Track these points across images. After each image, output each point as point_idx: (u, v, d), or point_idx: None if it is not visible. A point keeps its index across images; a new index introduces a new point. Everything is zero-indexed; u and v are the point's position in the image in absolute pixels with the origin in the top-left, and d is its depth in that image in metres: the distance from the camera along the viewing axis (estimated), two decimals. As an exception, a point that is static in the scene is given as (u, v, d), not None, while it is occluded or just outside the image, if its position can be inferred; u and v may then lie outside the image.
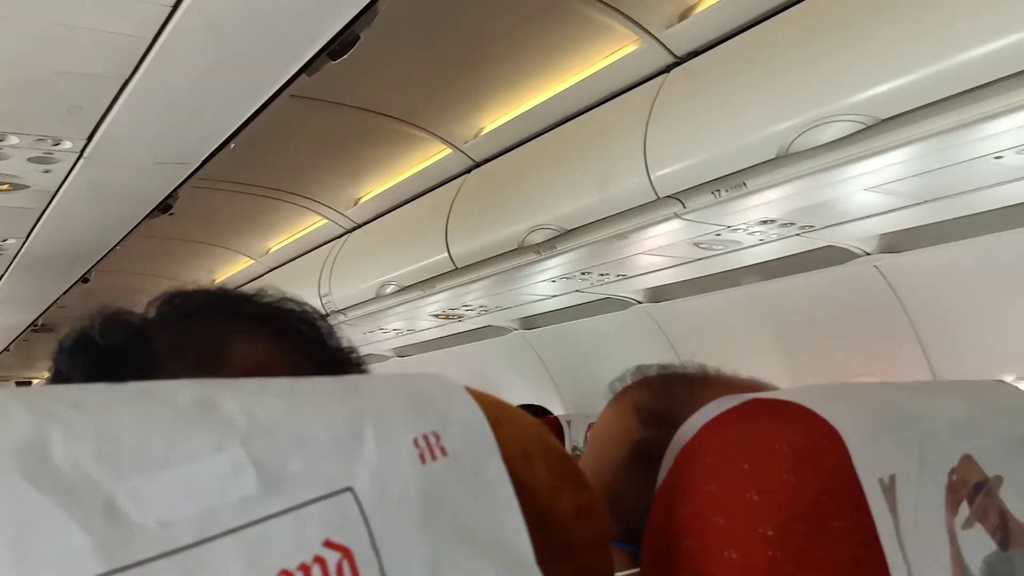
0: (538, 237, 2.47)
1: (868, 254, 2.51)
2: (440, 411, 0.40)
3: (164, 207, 2.27)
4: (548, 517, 0.43)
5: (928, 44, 1.50)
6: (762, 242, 2.45)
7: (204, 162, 1.86)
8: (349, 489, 0.36)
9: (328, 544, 0.34)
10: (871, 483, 0.50)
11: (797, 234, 2.38)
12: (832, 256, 2.58)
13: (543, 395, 3.83)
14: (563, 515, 0.44)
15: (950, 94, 1.51)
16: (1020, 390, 0.65)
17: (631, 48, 2.19)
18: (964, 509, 0.54)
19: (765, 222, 2.26)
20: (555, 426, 2.19)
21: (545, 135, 2.54)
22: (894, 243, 2.46)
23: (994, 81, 1.45)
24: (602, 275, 2.87)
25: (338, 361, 0.56)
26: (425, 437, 0.39)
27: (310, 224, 3.66)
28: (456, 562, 0.38)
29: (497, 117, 2.68)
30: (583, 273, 2.84)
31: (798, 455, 0.51)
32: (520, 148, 2.65)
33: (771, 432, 0.52)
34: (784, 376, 2.99)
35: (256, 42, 1.26)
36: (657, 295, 3.20)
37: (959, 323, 2.49)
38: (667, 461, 0.56)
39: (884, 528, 0.49)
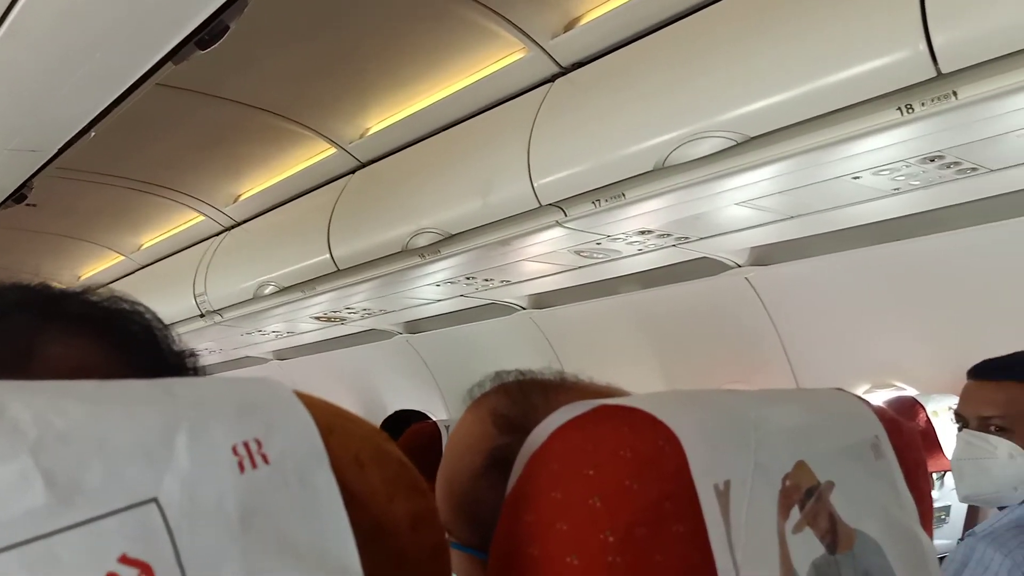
0: (422, 241, 2.45)
1: (739, 266, 2.62)
2: (265, 417, 0.38)
3: (19, 197, 2.12)
4: (382, 526, 0.42)
5: (793, 67, 1.57)
6: (641, 252, 2.51)
7: (61, 150, 1.74)
8: (153, 500, 0.33)
9: (124, 560, 0.32)
10: (706, 488, 0.51)
11: (673, 245, 2.45)
12: (706, 267, 2.67)
13: (427, 400, 3.80)
14: (398, 523, 0.43)
15: (812, 115, 1.58)
16: (857, 398, 0.68)
17: (517, 56, 2.20)
18: (795, 514, 0.55)
19: (643, 232, 2.32)
20: (433, 431, 2.17)
21: (431, 138, 2.53)
22: (763, 256, 2.57)
23: (852, 105, 1.54)
24: (487, 280, 2.88)
25: (172, 367, 0.53)
26: (245, 444, 0.37)
27: (186, 220, 3.51)
28: (275, 575, 0.36)
29: (383, 118, 2.65)
30: (468, 278, 2.83)
31: (640, 461, 0.52)
32: (406, 150, 2.62)
33: (615, 438, 0.52)
34: (660, 383, 3.08)
35: (115, 27, 1.19)
36: (541, 301, 3.23)
37: (821, 334, 2.63)
38: (517, 468, 0.56)
39: (715, 532, 0.50)
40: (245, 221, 3.32)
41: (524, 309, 3.26)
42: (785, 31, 1.59)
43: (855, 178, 1.85)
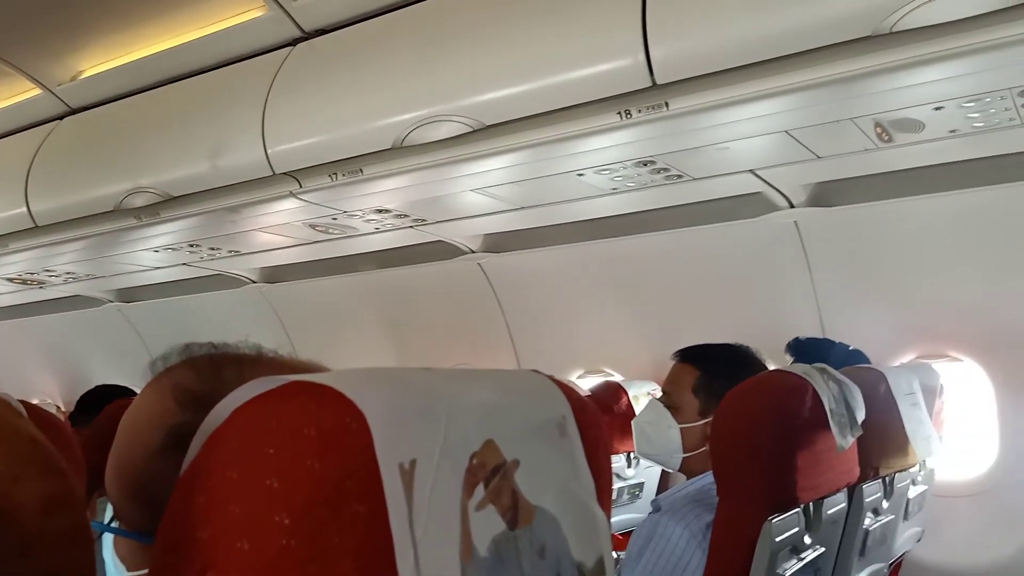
0: (139, 201, 2.24)
1: (473, 252, 2.69)
2: None
3: None
4: (5, 510, 0.37)
5: (528, 63, 1.63)
6: (378, 231, 2.50)
7: None
8: None
9: None
10: (390, 467, 0.50)
11: (411, 226, 2.46)
12: (442, 251, 2.72)
13: (139, 376, 3.51)
14: (26, 507, 0.38)
15: (544, 111, 1.65)
16: (549, 379, 0.71)
17: (257, 14, 2.08)
18: (480, 491, 0.57)
19: (381, 211, 2.30)
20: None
21: (157, 90, 2.32)
22: (496, 244, 2.66)
23: (579, 104, 1.62)
24: (213, 249, 2.71)
25: None
26: None
27: None
28: None
29: (101, 62, 2.39)
30: (192, 245, 2.65)
31: (324, 440, 0.50)
32: (126, 100, 2.38)
33: (300, 416, 0.50)
34: (393, 362, 3.09)
35: None
36: (273, 275, 3.10)
37: (544, 321, 2.78)
38: (194, 447, 0.52)
39: (396, 512, 0.49)
40: (-80, 162, 2.84)
41: (254, 282, 3.12)
42: (522, 27, 1.64)
43: (580, 175, 1.96)
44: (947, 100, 1.51)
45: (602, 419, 0.75)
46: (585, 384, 2.58)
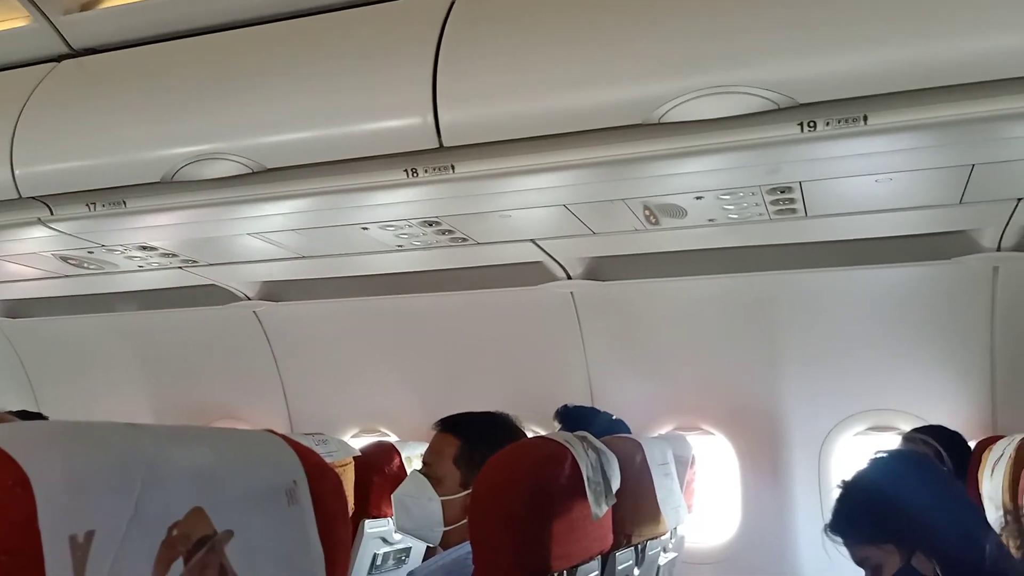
0: None
1: (249, 299, 2.55)
2: None
3: None
4: None
5: (315, 109, 1.58)
6: (142, 268, 2.31)
7: None
8: None
9: None
10: (58, 541, 0.43)
11: (180, 267, 2.30)
12: (216, 295, 2.56)
13: None
14: None
15: (329, 160, 1.60)
16: (283, 441, 0.65)
17: (19, 23, 1.88)
18: (179, 567, 0.50)
19: (145, 248, 2.13)
20: None
21: None
22: (274, 292, 2.55)
23: (366, 158, 1.59)
24: (-61, 277, 2.38)
25: None
26: None
27: None
28: None
29: None
30: (-88, 270, 2.31)
31: (-27, 507, 0.42)
32: None
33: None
34: (147, 413, 2.84)
35: None
36: (13, 309, 2.78)
37: (320, 376, 2.67)
38: None
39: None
40: None
41: (-9, 316, 2.77)
42: (312, 73, 1.60)
43: (364, 228, 1.92)
44: (706, 191, 1.64)
45: (342, 486, 0.70)
46: (359, 444, 2.50)
